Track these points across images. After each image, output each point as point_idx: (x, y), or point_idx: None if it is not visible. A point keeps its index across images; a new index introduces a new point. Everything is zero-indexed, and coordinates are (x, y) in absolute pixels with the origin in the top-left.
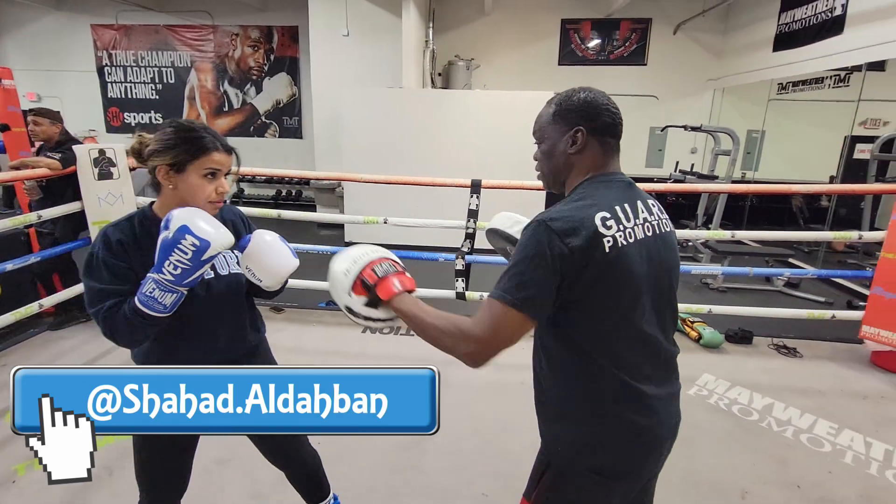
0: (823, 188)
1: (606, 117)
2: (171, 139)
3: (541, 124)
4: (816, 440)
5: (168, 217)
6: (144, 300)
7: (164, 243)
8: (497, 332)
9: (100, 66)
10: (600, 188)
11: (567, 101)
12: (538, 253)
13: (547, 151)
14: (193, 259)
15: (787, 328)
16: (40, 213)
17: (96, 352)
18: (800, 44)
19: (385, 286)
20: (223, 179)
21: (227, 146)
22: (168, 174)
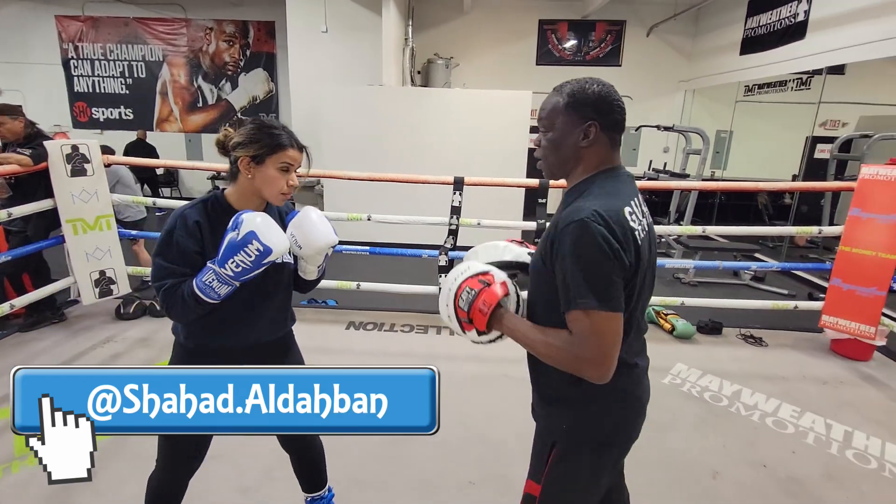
0: (787, 185)
1: (618, 114)
2: (254, 133)
3: (550, 113)
4: (781, 423)
5: (238, 218)
6: (202, 287)
7: (232, 243)
8: (613, 343)
9: (65, 58)
10: (616, 182)
11: (581, 94)
12: (601, 251)
13: (555, 141)
14: (255, 262)
15: (754, 319)
16: (10, 211)
17: (69, 353)
18: (765, 48)
19: (477, 319)
20: (294, 174)
21: (301, 144)
22: (249, 165)
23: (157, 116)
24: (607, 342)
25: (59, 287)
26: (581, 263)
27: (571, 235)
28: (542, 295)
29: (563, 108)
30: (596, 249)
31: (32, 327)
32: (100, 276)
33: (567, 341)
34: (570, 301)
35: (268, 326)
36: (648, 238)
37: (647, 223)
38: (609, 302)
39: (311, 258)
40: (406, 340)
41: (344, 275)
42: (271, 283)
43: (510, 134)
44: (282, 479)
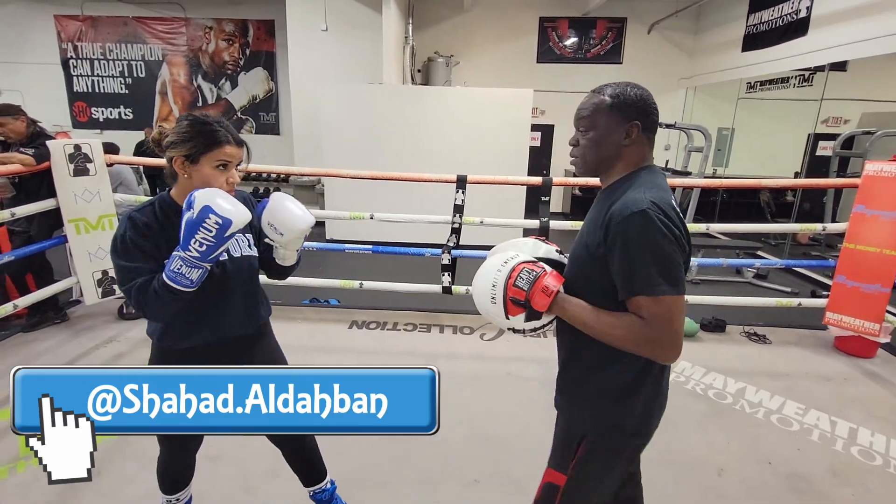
0: (790, 182)
1: (655, 115)
2: (186, 132)
3: (593, 113)
4: (785, 420)
5: (191, 198)
6: (172, 276)
7: (189, 222)
8: (679, 325)
9: (64, 58)
10: (656, 176)
11: (625, 95)
12: (666, 239)
13: (596, 140)
14: (217, 236)
15: (758, 316)
16: (14, 211)
17: (72, 353)
18: (767, 44)
19: (538, 299)
20: (234, 171)
21: (239, 139)
22: (183, 164)
23: (156, 116)
24: (677, 324)
25: (62, 287)
26: (648, 251)
27: (634, 225)
28: (593, 283)
29: (606, 109)
30: (661, 237)
31: (35, 327)
32: (102, 275)
33: (639, 324)
34: (638, 287)
35: (237, 322)
36: None
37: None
38: (677, 285)
39: (292, 242)
40: (409, 339)
41: (346, 274)
42: (232, 279)
43: (511, 132)
44: (285, 478)
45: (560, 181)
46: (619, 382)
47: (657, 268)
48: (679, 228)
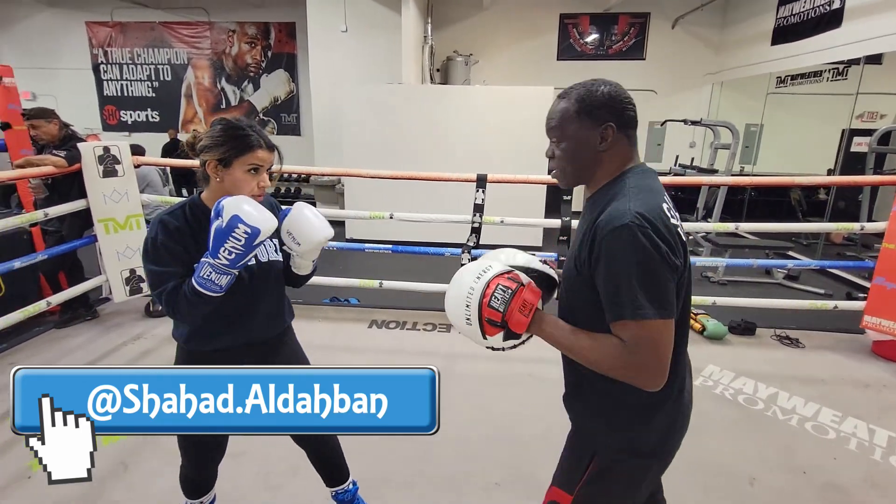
0: (824, 180)
1: (630, 110)
2: (219, 136)
3: (560, 121)
4: (821, 428)
5: (219, 206)
6: (201, 282)
7: (219, 231)
8: (665, 351)
9: (95, 63)
10: (646, 178)
11: (591, 97)
12: (651, 256)
13: (571, 149)
14: (246, 244)
15: (789, 319)
16: (47, 211)
17: (102, 350)
18: (798, 37)
19: (516, 320)
20: (265, 175)
21: (270, 144)
22: (216, 168)
23: (182, 118)
24: (662, 350)
25: (92, 285)
26: (632, 270)
27: (617, 242)
28: (583, 300)
29: (574, 115)
30: (646, 255)
31: (67, 324)
32: (130, 274)
33: (620, 349)
34: (621, 310)
35: (263, 325)
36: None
37: (679, 218)
38: (664, 309)
39: (308, 253)
40: (428, 339)
41: (366, 273)
42: (259, 283)
43: (531, 131)
44: (306, 477)
45: None
46: (634, 401)
47: (642, 289)
48: (670, 239)
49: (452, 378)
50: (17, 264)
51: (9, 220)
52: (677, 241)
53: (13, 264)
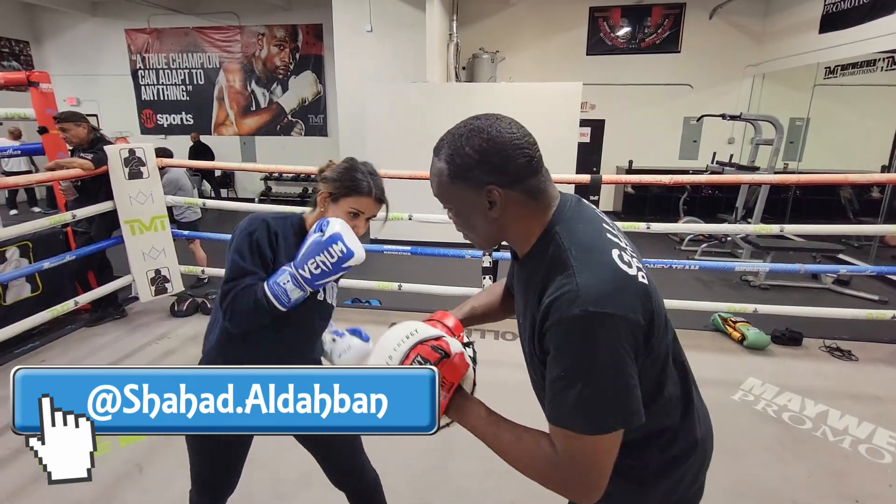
0: (879, 177)
1: (518, 157)
2: (341, 173)
3: (438, 188)
4: (876, 451)
5: (324, 221)
6: (275, 289)
7: (315, 243)
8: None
9: (134, 69)
10: (577, 226)
11: (458, 157)
12: (611, 351)
13: (462, 218)
14: (336, 264)
15: (840, 329)
16: (75, 213)
17: (130, 347)
18: (849, 24)
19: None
20: (363, 221)
21: (381, 197)
22: (325, 199)
23: (214, 121)
24: (600, 466)
25: (120, 285)
26: (581, 376)
27: (566, 336)
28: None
29: (448, 182)
30: (603, 355)
31: (97, 323)
32: (155, 274)
33: (550, 456)
34: (559, 416)
35: (297, 359)
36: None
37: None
38: (618, 418)
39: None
40: None
41: (386, 275)
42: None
43: (559, 128)
44: (319, 486)
45: (610, 179)
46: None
47: (584, 400)
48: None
49: None
50: (45, 264)
51: (38, 222)
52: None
53: (42, 264)
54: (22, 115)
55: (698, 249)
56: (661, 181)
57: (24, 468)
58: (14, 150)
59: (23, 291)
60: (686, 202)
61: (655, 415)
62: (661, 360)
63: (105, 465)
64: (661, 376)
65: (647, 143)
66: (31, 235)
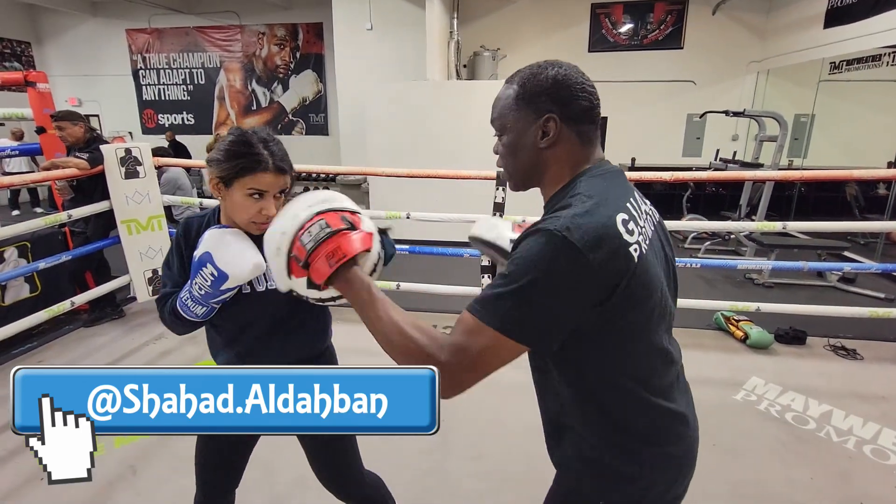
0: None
1: (583, 100)
2: (225, 151)
3: (500, 110)
4: (881, 452)
5: (202, 237)
6: (181, 304)
7: (193, 263)
8: (483, 367)
9: (135, 69)
10: (601, 183)
11: (533, 81)
12: (552, 272)
13: (511, 145)
14: (213, 287)
15: (845, 327)
16: (70, 213)
17: (127, 348)
18: (855, 19)
19: (318, 266)
20: (270, 201)
21: (281, 166)
22: (217, 186)
23: (215, 120)
24: (481, 363)
25: (117, 285)
26: (517, 273)
27: (525, 243)
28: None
29: (514, 103)
30: (542, 267)
31: (95, 323)
32: (153, 274)
33: (436, 338)
34: (475, 301)
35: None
36: (660, 242)
37: (654, 223)
38: (515, 327)
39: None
40: None
41: (384, 274)
42: (263, 310)
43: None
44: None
45: None
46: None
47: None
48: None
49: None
50: (41, 265)
51: (34, 222)
52: (623, 268)
53: (38, 265)
54: (20, 115)
55: (702, 247)
56: (662, 178)
57: (20, 468)
58: (13, 151)
59: (22, 292)
60: (689, 199)
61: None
62: (632, 340)
63: (99, 467)
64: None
65: (650, 140)
66: (29, 235)
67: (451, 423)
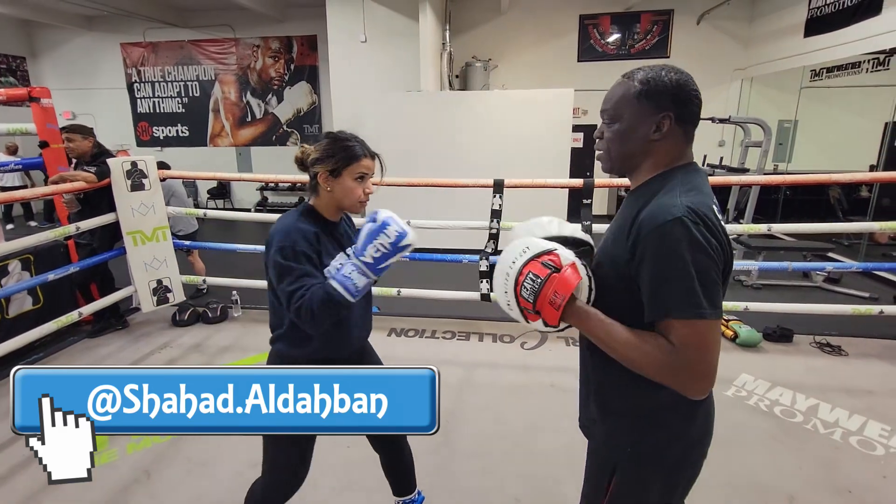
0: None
1: (695, 105)
2: (329, 148)
3: (618, 101)
4: (867, 443)
5: (374, 212)
6: (342, 280)
7: (372, 229)
8: (715, 354)
9: (129, 82)
10: (695, 177)
11: (657, 81)
12: (701, 251)
13: (622, 132)
14: (394, 244)
15: (830, 325)
16: (78, 225)
17: (132, 358)
18: (833, 27)
19: (548, 313)
20: (369, 182)
21: (373, 152)
22: (327, 178)
23: (210, 132)
24: (713, 352)
25: (122, 295)
26: (683, 267)
27: (668, 236)
28: (618, 301)
29: (634, 97)
30: (699, 251)
31: (99, 333)
32: (157, 284)
33: (667, 350)
34: (668, 308)
35: (359, 333)
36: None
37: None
38: (715, 309)
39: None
40: (448, 348)
41: (384, 280)
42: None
43: (552, 133)
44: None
45: (602, 182)
46: (656, 403)
47: (694, 287)
48: (721, 240)
49: (471, 388)
50: (50, 276)
51: (42, 235)
52: (726, 242)
53: (47, 276)
54: (23, 131)
55: None
56: None
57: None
58: (15, 165)
59: (25, 304)
60: None
61: None
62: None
63: (113, 472)
64: None
65: None
66: (32, 249)
67: (453, 424)
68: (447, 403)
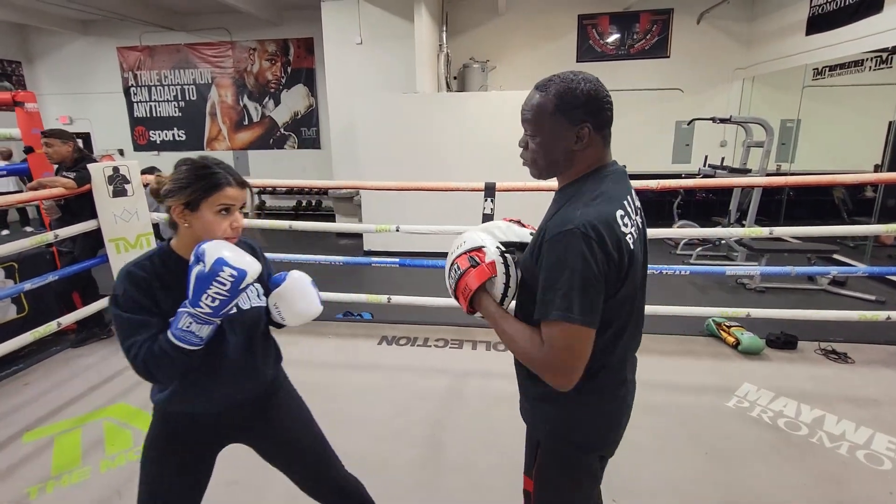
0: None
1: (608, 110)
2: (184, 178)
3: (536, 116)
4: (875, 457)
5: (199, 250)
6: (180, 335)
7: (201, 276)
8: (575, 356)
9: (126, 86)
10: (608, 181)
11: (570, 95)
12: (586, 265)
13: (545, 144)
14: (231, 289)
15: (836, 331)
16: (57, 233)
17: (116, 367)
18: (835, 25)
19: (460, 301)
20: (238, 214)
21: (241, 180)
22: (183, 213)
23: (207, 136)
24: (575, 354)
25: (104, 304)
26: (564, 274)
27: (559, 245)
28: (529, 295)
29: (551, 111)
30: (581, 262)
31: (82, 343)
32: None
33: (538, 347)
34: (546, 309)
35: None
36: (641, 240)
37: (639, 222)
38: (585, 316)
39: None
40: (439, 356)
41: (375, 287)
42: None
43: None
44: None
45: None
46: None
47: (570, 294)
48: (613, 252)
49: (461, 399)
50: (27, 286)
51: (20, 242)
52: (623, 251)
53: (24, 286)
54: (8, 136)
55: (693, 253)
56: (648, 186)
57: (6, 493)
58: (1, 171)
59: (9, 312)
60: (680, 206)
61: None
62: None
63: (84, 491)
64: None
65: (640, 147)
66: (16, 256)
67: (442, 437)
68: (436, 414)
